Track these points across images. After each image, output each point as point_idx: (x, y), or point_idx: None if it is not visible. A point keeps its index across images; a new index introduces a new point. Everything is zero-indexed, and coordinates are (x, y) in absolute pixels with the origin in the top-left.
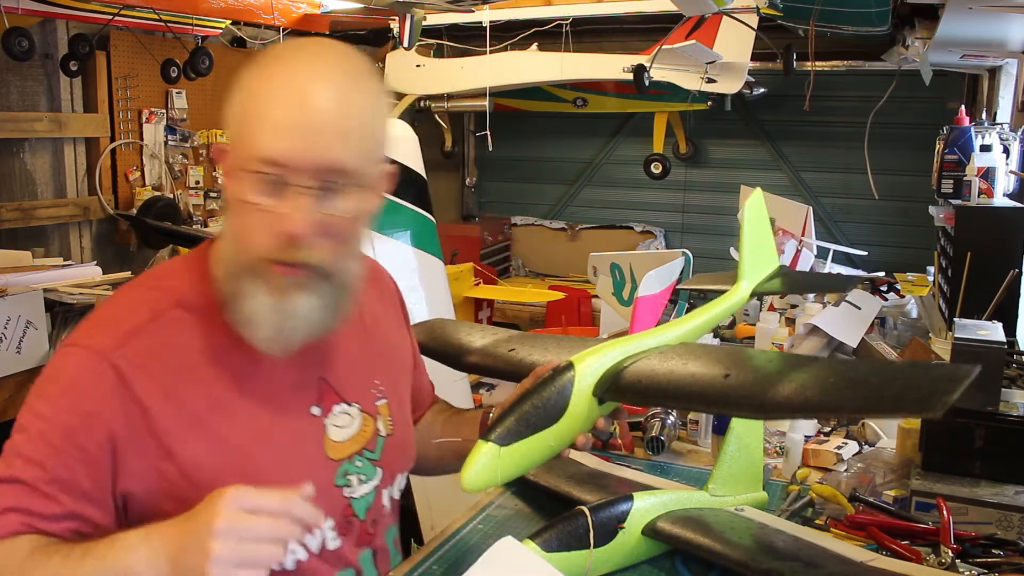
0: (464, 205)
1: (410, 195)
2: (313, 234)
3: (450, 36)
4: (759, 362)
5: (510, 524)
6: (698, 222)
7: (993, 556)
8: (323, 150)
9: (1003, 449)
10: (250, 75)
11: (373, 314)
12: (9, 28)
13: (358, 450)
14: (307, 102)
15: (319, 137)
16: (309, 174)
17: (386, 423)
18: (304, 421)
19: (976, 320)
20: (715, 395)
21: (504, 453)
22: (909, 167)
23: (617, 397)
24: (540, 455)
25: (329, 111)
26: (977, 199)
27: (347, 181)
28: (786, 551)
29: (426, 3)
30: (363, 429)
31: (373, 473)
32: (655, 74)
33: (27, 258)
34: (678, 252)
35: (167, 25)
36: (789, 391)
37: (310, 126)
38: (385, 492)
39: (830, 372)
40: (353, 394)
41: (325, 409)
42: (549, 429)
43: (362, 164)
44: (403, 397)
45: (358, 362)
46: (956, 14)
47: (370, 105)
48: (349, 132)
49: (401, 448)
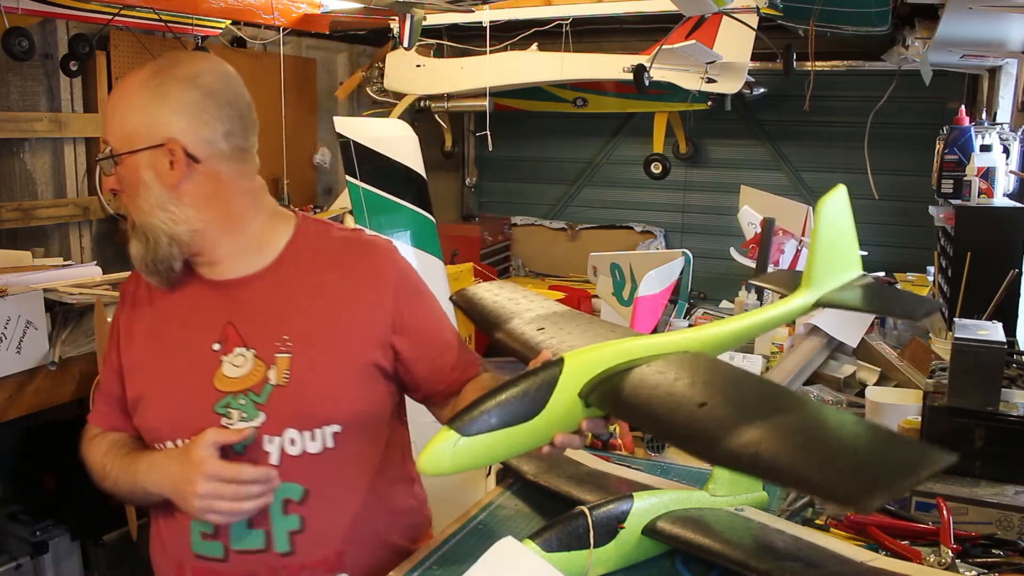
0: (464, 205)
1: (410, 195)
2: (113, 188)
3: (450, 36)
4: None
5: (510, 524)
6: (698, 222)
7: (993, 556)
8: (103, 129)
9: (1003, 449)
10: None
11: (316, 280)
12: (9, 28)
13: (243, 389)
14: (110, 95)
15: (103, 120)
16: (101, 145)
17: (280, 374)
18: (203, 353)
19: (976, 320)
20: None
21: (465, 443)
22: (909, 167)
23: (597, 404)
24: (507, 450)
25: (109, 102)
26: (977, 199)
27: (111, 153)
28: (786, 551)
29: (426, 3)
30: (252, 372)
31: (255, 414)
32: (655, 74)
33: (27, 258)
34: (678, 252)
35: (167, 25)
36: (744, 442)
37: (103, 110)
38: (268, 439)
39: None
40: (253, 341)
41: (226, 348)
42: (522, 425)
43: (115, 144)
44: (325, 362)
45: (270, 316)
46: (956, 14)
47: (126, 101)
48: (111, 119)
49: (295, 403)
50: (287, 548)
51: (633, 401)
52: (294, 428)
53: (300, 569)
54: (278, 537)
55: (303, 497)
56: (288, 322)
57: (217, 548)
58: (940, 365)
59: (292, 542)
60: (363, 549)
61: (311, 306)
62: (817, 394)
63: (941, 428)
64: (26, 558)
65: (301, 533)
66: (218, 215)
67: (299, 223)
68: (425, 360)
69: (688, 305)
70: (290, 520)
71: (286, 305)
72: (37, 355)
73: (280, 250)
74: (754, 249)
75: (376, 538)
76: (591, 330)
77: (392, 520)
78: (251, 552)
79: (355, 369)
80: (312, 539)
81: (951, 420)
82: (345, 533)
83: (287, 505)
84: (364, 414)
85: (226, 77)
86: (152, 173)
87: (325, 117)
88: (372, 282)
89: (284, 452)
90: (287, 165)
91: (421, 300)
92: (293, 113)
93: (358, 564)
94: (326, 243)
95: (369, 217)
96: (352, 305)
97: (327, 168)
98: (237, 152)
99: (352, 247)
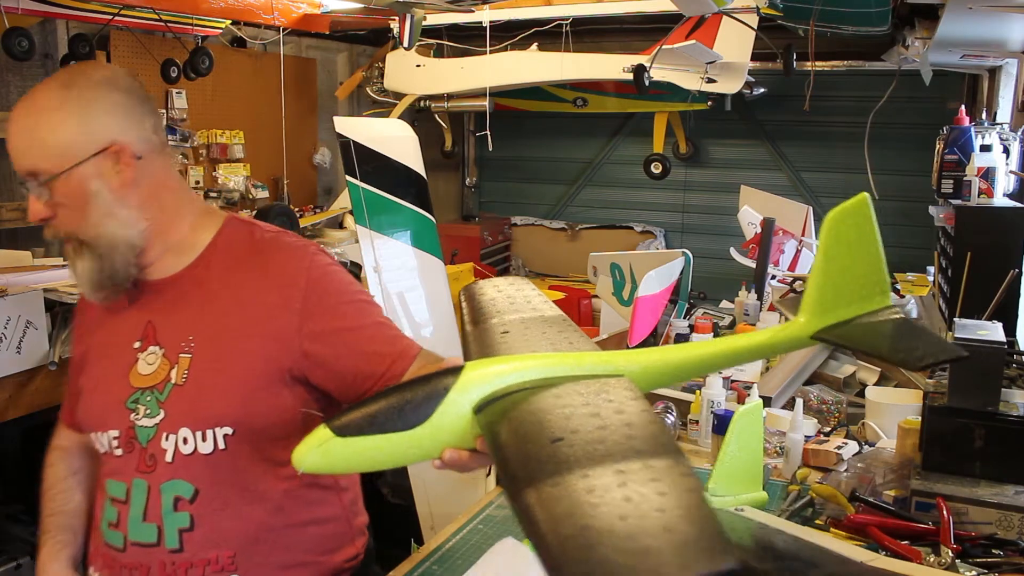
0: (464, 205)
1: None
2: (45, 216)
3: (450, 36)
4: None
5: (510, 524)
6: (698, 222)
7: (993, 556)
8: (20, 159)
9: (1003, 449)
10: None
11: (227, 282)
12: (9, 28)
13: (150, 386)
14: (10, 133)
15: (16, 151)
16: (24, 176)
17: (180, 374)
18: (125, 350)
19: (976, 320)
20: (511, 459)
21: (338, 444)
22: (909, 167)
23: (480, 422)
24: (385, 458)
25: (21, 130)
26: (977, 199)
27: (45, 177)
28: (786, 551)
29: (426, 3)
30: (159, 370)
31: (156, 411)
32: (655, 74)
33: (27, 258)
34: (678, 252)
35: (167, 25)
36: (536, 498)
37: (11, 143)
38: (166, 436)
39: (593, 503)
40: (164, 340)
41: (143, 346)
42: (402, 434)
43: (45, 166)
44: (222, 363)
45: (184, 317)
46: (956, 14)
47: (42, 122)
48: (28, 146)
49: (191, 402)
50: (176, 545)
51: (500, 426)
52: (187, 428)
53: (189, 567)
54: (169, 533)
55: (193, 496)
56: (195, 323)
57: (118, 538)
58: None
59: (181, 539)
60: (258, 553)
61: (217, 308)
62: (817, 394)
63: (941, 428)
64: (26, 558)
65: (190, 531)
66: (156, 213)
67: (224, 223)
68: (348, 367)
69: (688, 305)
70: (180, 517)
71: (196, 306)
72: (37, 355)
73: (201, 250)
74: (754, 249)
75: (276, 544)
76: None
77: (299, 529)
78: (144, 545)
79: (254, 372)
80: (201, 538)
81: (951, 420)
82: (238, 536)
83: (177, 503)
84: (262, 417)
85: (131, 76)
86: (100, 181)
87: (325, 117)
88: (280, 285)
89: (178, 450)
90: (287, 165)
91: (338, 305)
92: (293, 113)
93: (252, 568)
94: (244, 244)
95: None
96: (257, 308)
97: (327, 168)
98: (163, 146)
99: (267, 249)
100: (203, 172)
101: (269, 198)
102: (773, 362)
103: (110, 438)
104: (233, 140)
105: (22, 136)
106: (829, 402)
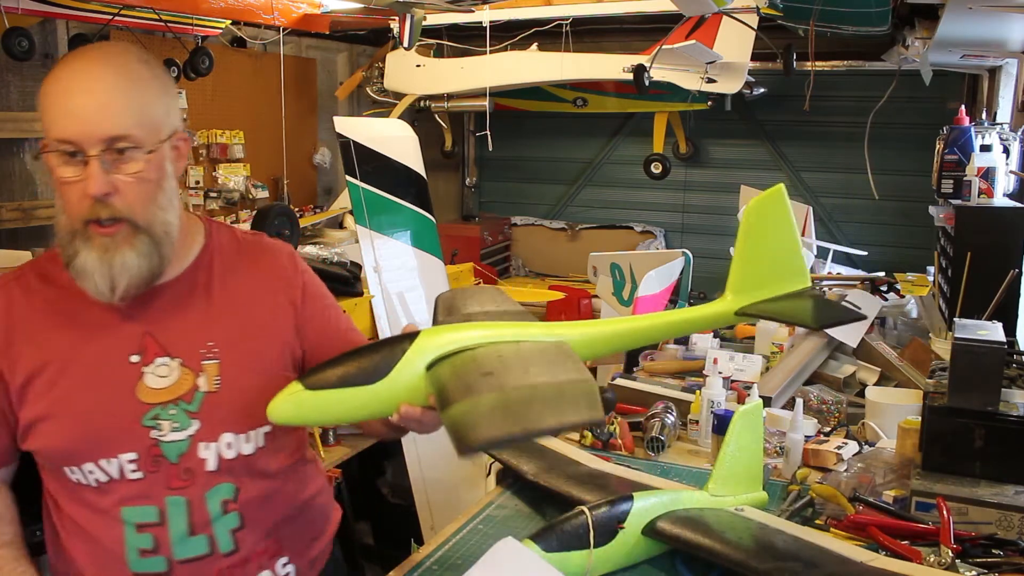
0: (464, 205)
1: (410, 195)
2: (110, 192)
3: (450, 36)
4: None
5: (510, 524)
6: (698, 222)
7: (993, 556)
8: (100, 124)
9: (1003, 449)
10: (47, 78)
11: (229, 283)
12: (9, 28)
13: (173, 399)
14: (86, 88)
15: (103, 110)
16: (95, 145)
17: (211, 381)
18: (120, 366)
19: (976, 320)
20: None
21: (308, 396)
22: (909, 167)
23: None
24: (348, 410)
25: (112, 89)
26: (977, 199)
27: (128, 147)
28: (786, 551)
29: (426, 3)
30: (180, 381)
31: (188, 423)
32: (655, 74)
33: (27, 258)
34: (678, 252)
35: (167, 25)
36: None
37: (89, 107)
38: (205, 445)
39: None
40: (177, 350)
41: (146, 359)
42: (363, 387)
43: (138, 135)
44: (252, 364)
45: (192, 323)
46: (956, 14)
47: (139, 89)
48: (121, 109)
49: (231, 407)
50: (231, 547)
51: (447, 370)
52: (230, 432)
53: (245, 563)
54: (221, 538)
55: (236, 494)
56: (209, 329)
57: (159, 563)
58: (940, 365)
59: (235, 539)
60: (294, 532)
61: (226, 311)
62: (817, 394)
63: (941, 428)
64: None
65: (242, 529)
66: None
67: (209, 227)
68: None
69: (688, 305)
70: (230, 519)
71: (203, 312)
72: None
73: (195, 255)
74: None
75: (303, 520)
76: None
77: (311, 502)
78: (195, 559)
79: (277, 368)
80: (251, 532)
81: (951, 420)
82: (277, 518)
83: (226, 505)
84: None
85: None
86: (170, 165)
87: (325, 117)
88: (279, 285)
89: (221, 456)
90: (287, 165)
91: (324, 303)
92: (293, 113)
93: (292, 545)
94: (232, 247)
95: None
96: (261, 308)
97: (327, 168)
98: None
99: (258, 251)
100: (203, 172)
101: (269, 198)
102: (773, 362)
103: (123, 462)
104: (233, 140)
105: (114, 95)
106: (829, 402)
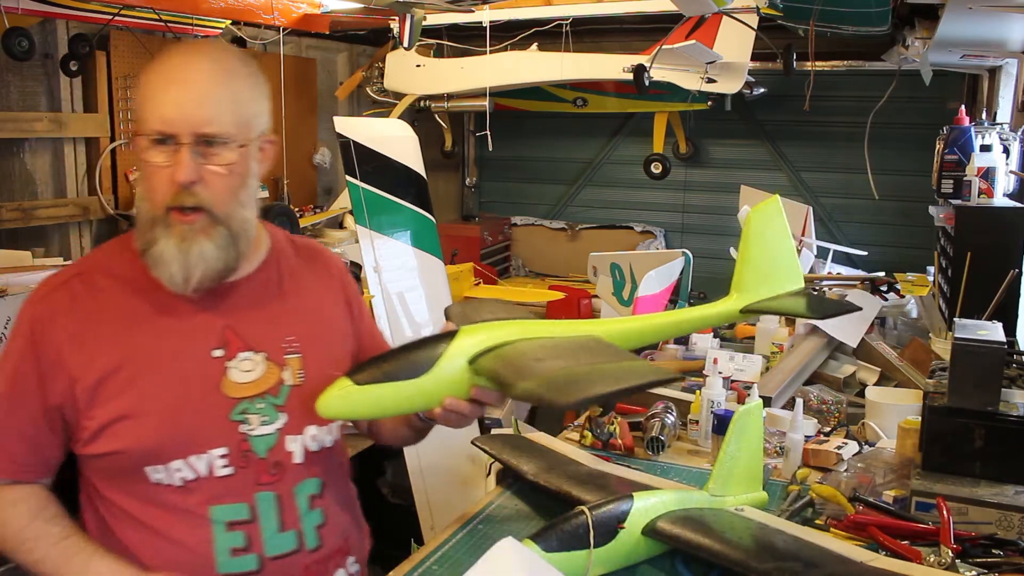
0: (464, 205)
1: (410, 195)
2: (196, 180)
3: (450, 36)
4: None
5: (510, 524)
6: (698, 222)
7: (993, 556)
8: (195, 113)
9: (1003, 449)
10: (148, 68)
11: (297, 282)
12: (9, 28)
13: (260, 393)
14: (185, 79)
15: (192, 104)
16: (187, 134)
17: (295, 374)
18: (203, 361)
19: (976, 320)
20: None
21: (356, 391)
22: (909, 167)
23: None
24: (395, 403)
25: (211, 81)
26: (977, 199)
27: (219, 139)
28: (786, 551)
29: (426, 3)
30: (267, 375)
31: (275, 417)
32: (655, 74)
33: (27, 258)
34: (678, 252)
35: (167, 25)
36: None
37: (186, 96)
38: (291, 439)
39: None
40: (260, 344)
41: (229, 353)
42: (409, 382)
43: (230, 129)
44: (328, 358)
45: (270, 319)
46: (956, 14)
47: (236, 85)
48: (217, 102)
49: (313, 401)
50: (316, 543)
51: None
52: (315, 425)
53: (326, 560)
54: (308, 534)
55: (321, 490)
56: (286, 324)
57: (251, 561)
58: (940, 365)
59: (319, 536)
60: (357, 528)
61: (299, 307)
62: (817, 394)
63: (941, 428)
64: None
65: (324, 526)
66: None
67: (269, 227)
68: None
69: (688, 305)
70: (315, 515)
71: (278, 307)
72: None
73: (265, 254)
74: None
75: (359, 516)
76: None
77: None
78: (285, 555)
79: (347, 363)
80: (331, 529)
81: (951, 420)
82: (348, 517)
83: (312, 500)
84: None
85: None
86: (255, 164)
87: (325, 117)
88: (336, 285)
89: (306, 449)
90: (287, 165)
91: (363, 306)
92: (293, 113)
93: (356, 544)
94: (289, 247)
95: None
96: (328, 306)
97: (327, 168)
98: None
99: (311, 253)
100: None
101: (269, 198)
102: (773, 362)
103: (214, 457)
104: None
105: (211, 88)
106: (829, 402)
